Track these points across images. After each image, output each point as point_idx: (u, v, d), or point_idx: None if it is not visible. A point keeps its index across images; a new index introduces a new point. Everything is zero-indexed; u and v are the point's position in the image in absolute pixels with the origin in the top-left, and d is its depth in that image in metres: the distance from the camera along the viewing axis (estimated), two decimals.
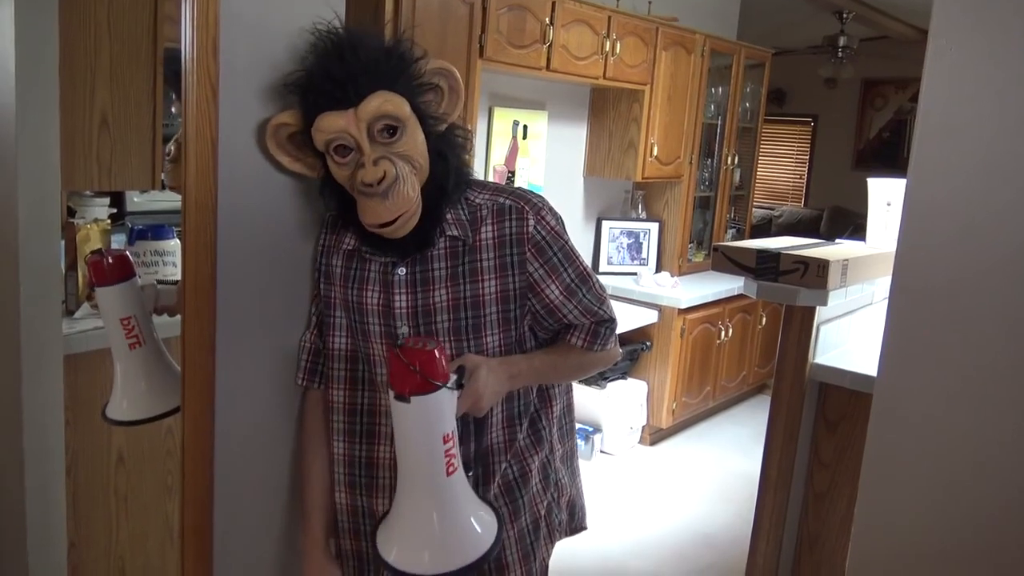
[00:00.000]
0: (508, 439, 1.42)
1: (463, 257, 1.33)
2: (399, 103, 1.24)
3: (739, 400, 5.07)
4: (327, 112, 1.23)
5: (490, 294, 1.34)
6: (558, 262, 1.36)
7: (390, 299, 1.34)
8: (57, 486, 1.77)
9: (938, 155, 1.29)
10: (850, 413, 2.50)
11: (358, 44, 1.25)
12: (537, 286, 1.36)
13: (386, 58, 1.26)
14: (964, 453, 1.32)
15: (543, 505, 1.49)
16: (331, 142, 1.25)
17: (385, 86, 1.24)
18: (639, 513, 3.57)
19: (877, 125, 8.06)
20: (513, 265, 1.34)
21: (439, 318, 1.34)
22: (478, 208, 1.34)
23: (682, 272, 4.67)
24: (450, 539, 1.23)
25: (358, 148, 1.24)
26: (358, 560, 1.47)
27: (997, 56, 1.22)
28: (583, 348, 1.42)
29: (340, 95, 1.22)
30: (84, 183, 1.89)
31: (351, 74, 1.22)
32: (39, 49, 1.61)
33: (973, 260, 1.27)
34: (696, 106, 4.51)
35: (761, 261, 2.44)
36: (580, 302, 1.39)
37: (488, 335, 1.36)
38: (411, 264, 1.34)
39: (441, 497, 1.22)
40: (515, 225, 1.33)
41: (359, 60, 1.23)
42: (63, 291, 1.89)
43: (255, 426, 1.44)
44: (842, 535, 2.52)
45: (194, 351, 1.33)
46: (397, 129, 1.24)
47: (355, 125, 1.22)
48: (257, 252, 1.38)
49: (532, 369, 1.38)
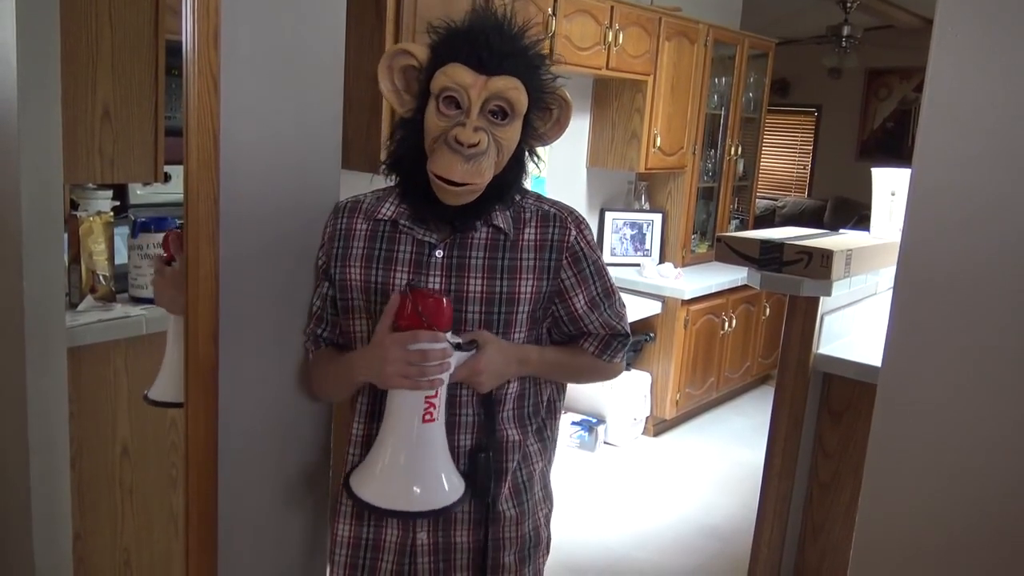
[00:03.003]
0: (520, 437, 1.43)
1: (503, 251, 1.36)
2: (523, 96, 1.29)
3: (743, 391, 5.07)
4: (461, 65, 1.27)
5: (525, 293, 1.36)
6: (589, 274, 1.41)
7: (421, 282, 1.34)
8: (62, 478, 1.78)
9: (943, 143, 1.28)
10: (854, 403, 2.50)
11: (522, 30, 1.31)
12: (566, 293, 1.41)
13: (536, 57, 1.32)
14: (968, 443, 1.31)
15: (542, 513, 1.51)
16: (446, 90, 1.27)
17: (521, 77, 1.29)
18: (643, 504, 3.57)
19: (881, 115, 8.03)
20: (549, 270, 1.38)
21: (471, 307, 1.35)
22: (522, 210, 1.39)
23: (685, 263, 4.67)
24: (413, 481, 1.27)
25: (467, 110, 1.27)
26: (353, 547, 1.44)
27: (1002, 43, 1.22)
28: (593, 354, 1.47)
29: (484, 58, 1.26)
30: (86, 175, 1.89)
31: (504, 49, 1.27)
32: (40, 41, 1.61)
33: (978, 249, 1.27)
34: (699, 96, 4.49)
35: (765, 251, 2.43)
36: (602, 315, 1.44)
37: (516, 332, 1.38)
38: (449, 248, 1.35)
39: (413, 440, 1.27)
40: (557, 232, 1.38)
41: (516, 41, 1.29)
42: (66, 284, 1.89)
43: (259, 417, 1.44)
44: (846, 525, 2.52)
45: (197, 343, 1.33)
46: (508, 116, 1.29)
47: (478, 90, 1.26)
48: (259, 243, 1.38)
49: (542, 361, 1.42)
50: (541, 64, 1.33)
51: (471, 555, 1.41)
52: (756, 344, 4.92)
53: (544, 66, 1.33)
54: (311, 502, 1.57)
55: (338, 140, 1.48)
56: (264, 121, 1.33)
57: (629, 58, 3.92)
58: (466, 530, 1.40)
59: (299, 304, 1.45)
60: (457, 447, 1.36)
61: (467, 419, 1.38)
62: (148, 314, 1.96)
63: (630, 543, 3.24)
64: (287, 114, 1.39)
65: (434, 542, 1.40)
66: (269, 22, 1.32)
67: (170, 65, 1.89)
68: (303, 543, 1.57)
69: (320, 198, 1.45)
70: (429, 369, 1.22)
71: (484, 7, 1.32)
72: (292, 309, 1.45)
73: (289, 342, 1.45)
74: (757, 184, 5.41)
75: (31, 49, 1.59)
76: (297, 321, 1.46)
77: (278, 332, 1.44)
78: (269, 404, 1.45)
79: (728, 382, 4.76)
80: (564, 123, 1.38)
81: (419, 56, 1.33)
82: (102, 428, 1.90)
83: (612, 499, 3.58)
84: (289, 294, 1.44)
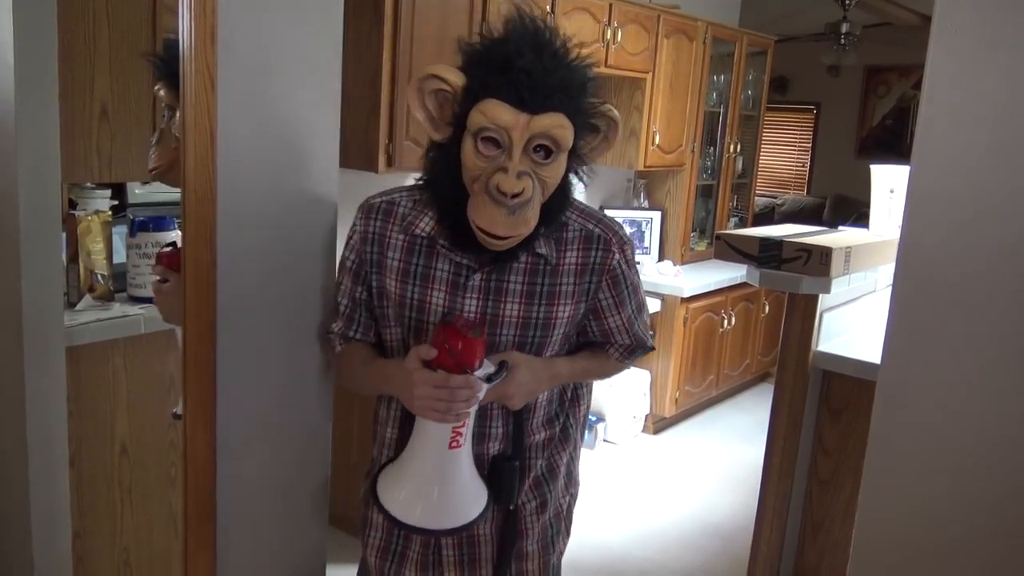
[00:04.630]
0: (547, 438, 1.45)
1: (543, 277, 1.32)
2: (569, 133, 1.20)
3: (742, 389, 5.07)
4: (500, 102, 1.16)
5: (562, 318, 1.35)
6: (627, 296, 1.41)
7: (457, 303, 1.31)
8: (61, 477, 1.78)
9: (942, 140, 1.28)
10: (853, 401, 2.50)
11: (562, 54, 1.20)
12: (601, 313, 1.41)
13: (579, 83, 1.22)
14: (967, 439, 1.31)
15: (565, 500, 1.52)
16: (486, 131, 1.18)
17: (566, 111, 1.19)
18: (643, 502, 3.57)
19: (880, 112, 8.02)
20: (588, 292, 1.37)
21: (505, 331, 1.33)
22: (565, 228, 1.34)
23: (684, 261, 4.66)
24: (437, 503, 1.29)
25: (508, 151, 1.18)
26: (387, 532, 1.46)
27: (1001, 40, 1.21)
28: (617, 360, 1.50)
29: (526, 96, 1.16)
30: (84, 175, 1.89)
31: (546, 84, 1.16)
32: (38, 39, 1.61)
33: (978, 246, 1.27)
34: (698, 94, 4.49)
35: (764, 249, 2.43)
36: (632, 331, 1.45)
37: (547, 352, 1.38)
38: (487, 273, 1.31)
39: (439, 465, 1.28)
40: (600, 255, 1.35)
41: (558, 73, 1.18)
42: (65, 283, 1.89)
43: (257, 417, 1.44)
44: (846, 522, 2.52)
45: (195, 342, 1.33)
46: (552, 154, 1.21)
47: (521, 131, 1.17)
48: (257, 243, 1.37)
49: (572, 372, 1.43)
50: (586, 89, 1.23)
51: (494, 546, 1.43)
52: (755, 342, 4.92)
53: (589, 89, 1.24)
54: (310, 501, 1.57)
55: (336, 139, 1.47)
56: (261, 120, 1.33)
57: (628, 56, 3.92)
58: (489, 524, 1.42)
59: (297, 303, 1.45)
60: (486, 455, 1.38)
61: (497, 431, 1.39)
62: (147, 313, 1.96)
63: (630, 541, 3.24)
64: (284, 113, 1.38)
65: (459, 537, 1.42)
66: (266, 20, 1.32)
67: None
68: (302, 542, 1.57)
69: (318, 197, 1.45)
70: (457, 407, 1.21)
71: (520, 21, 1.19)
72: (290, 308, 1.45)
73: (287, 341, 1.45)
74: (756, 182, 5.40)
75: (28, 48, 1.59)
76: (295, 321, 1.45)
77: (276, 331, 1.43)
78: (267, 403, 1.45)
79: (727, 380, 4.76)
80: (612, 141, 1.32)
81: (452, 81, 1.22)
82: (101, 427, 1.90)
83: (612, 497, 3.58)
84: (287, 293, 1.44)
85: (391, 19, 2.80)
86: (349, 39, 1.58)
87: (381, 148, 2.88)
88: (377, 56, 2.82)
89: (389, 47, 2.82)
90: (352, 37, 2.82)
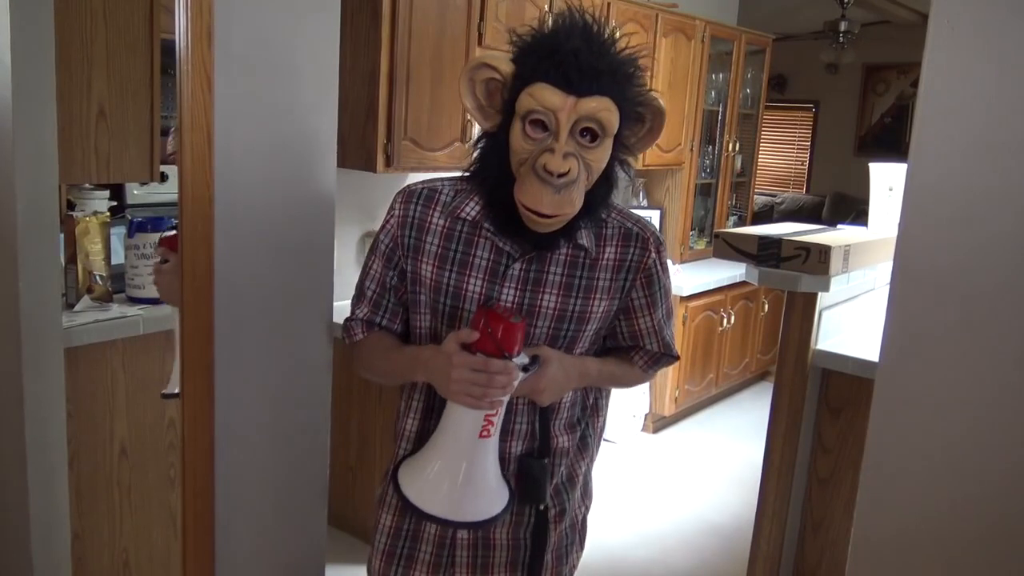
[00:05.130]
0: (569, 444, 1.44)
1: (582, 270, 1.34)
2: (615, 116, 1.22)
3: (742, 387, 5.07)
4: (548, 85, 1.19)
5: (597, 313, 1.36)
6: (659, 297, 1.42)
7: (495, 291, 1.32)
8: (60, 478, 1.78)
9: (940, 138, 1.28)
10: (853, 399, 2.50)
11: (610, 41, 1.23)
12: (633, 313, 1.41)
13: (626, 69, 1.24)
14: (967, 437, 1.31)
15: (581, 512, 1.52)
16: (533, 113, 1.20)
17: (612, 95, 1.21)
18: (643, 501, 3.57)
19: (879, 110, 8.02)
20: (623, 290, 1.38)
21: (541, 323, 1.33)
22: (604, 225, 1.36)
23: (683, 259, 4.66)
24: (460, 493, 1.28)
25: (555, 133, 1.20)
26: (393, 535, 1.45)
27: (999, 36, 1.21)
28: (641, 368, 1.49)
29: (573, 78, 1.18)
30: (82, 176, 1.89)
31: (594, 67, 1.19)
32: (35, 40, 1.60)
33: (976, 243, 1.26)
34: (697, 93, 4.49)
35: (763, 247, 2.43)
36: (661, 336, 1.45)
37: (579, 348, 1.38)
38: (527, 262, 1.32)
39: (468, 454, 1.27)
40: (638, 253, 1.37)
41: (606, 57, 1.21)
42: (63, 284, 1.89)
43: (255, 417, 1.43)
44: (845, 520, 2.52)
45: (193, 342, 1.33)
46: (598, 137, 1.23)
47: (568, 112, 1.19)
48: (254, 242, 1.37)
49: (600, 374, 1.43)
50: (633, 76, 1.25)
51: (509, 552, 1.42)
52: (755, 340, 4.92)
53: (636, 77, 1.25)
54: (309, 500, 1.57)
55: (333, 138, 1.47)
56: (258, 119, 1.33)
57: None
58: (506, 529, 1.41)
59: (295, 304, 1.45)
60: (508, 453, 1.37)
61: (521, 427, 1.38)
62: (145, 314, 1.96)
63: (630, 540, 3.23)
64: (281, 112, 1.38)
65: (473, 538, 1.41)
66: (263, 19, 1.31)
67: (165, 64, 1.88)
68: (300, 542, 1.57)
69: (316, 197, 1.45)
70: (493, 392, 1.22)
71: (570, 15, 1.22)
72: (288, 308, 1.45)
73: (285, 341, 1.45)
74: (755, 180, 5.40)
75: (26, 48, 1.59)
76: (293, 320, 1.45)
77: (275, 330, 1.43)
78: (266, 402, 1.45)
79: (727, 378, 4.76)
80: (657, 132, 1.31)
81: (502, 70, 1.25)
82: (100, 428, 1.89)
83: (612, 496, 3.58)
84: (285, 292, 1.43)
85: (389, 18, 2.80)
86: (347, 38, 1.58)
87: (379, 148, 2.87)
88: (375, 55, 2.82)
89: (387, 46, 2.82)
90: (350, 36, 2.82)
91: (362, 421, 3.01)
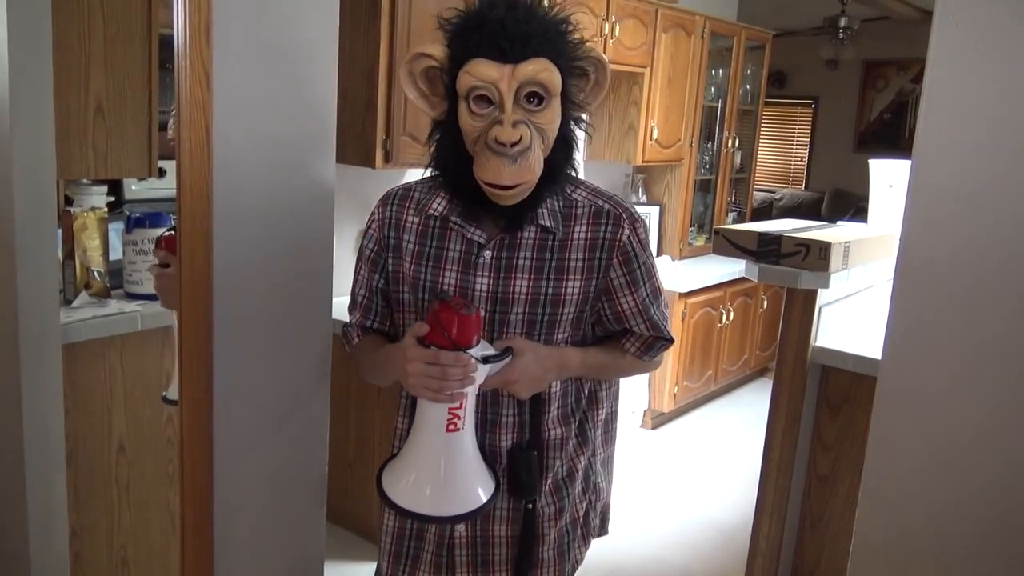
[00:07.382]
0: (564, 436, 1.43)
1: (551, 252, 1.33)
2: (555, 76, 1.22)
3: (741, 384, 5.07)
4: (483, 59, 1.19)
5: (571, 295, 1.34)
6: (640, 275, 1.38)
7: (469, 281, 1.32)
8: (58, 475, 1.77)
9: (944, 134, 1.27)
10: (852, 395, 2.50)
11: (535, 5, 1.23)
12: (614, 293, 1.38)
13: (557, 28, 1.24)
14: (968, 434, 1.31)
15: (582, 507, 1.51)
16: (475, 89, 1.21)
17: (548, 55, 1.21)
18: (641, 497, 3.57)
19: (878, 106, 8.01)
20: (598, 269, 1.35)
21: (515, 309, 1.33)
22: (574, 204, 1.35)
23: (683, 256, 4.66)
24: (439, 488, 1.28)
25: (500, 105, 1.20)
26: (398, 535, 1.46)
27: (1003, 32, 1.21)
28: (634, 355, 1.45)
29: (505, 47, 1.18)
30: (80, 171, 1.88)
31: (523, 32, 1.19)
32: (32, 35, 1.59)
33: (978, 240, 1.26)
34: (696, 88, 4.48)
35: (762, 244, 2.43)
36: (649, 317, 1.41)
37: (560, 333, 1.37)
38: (497, 249, 1.32)
39: (438, 449, 1.27)
40: (610, 230, 1.34)
41: (534, 20, 1.21)
42: (61, 280, 1.88)
43: (254, 414, 1.43)
44: (844, 517, 2.52)
45: (191, 340, 1.32)
46: (544, 100, 1.22)
47: (507, 81, 1.19)
48: (253, 239, 1.37)
49: (584, 365, 1.40)
50: (566, 32, 1.25)
51: (509, 549, 1.42)
52: (754, 337, 4.92)
53: (569, 33, 1.25)
54: (308, 498, 1.56)
55: (332, 134, 1.47)
56: (257, 115, 1.32)
57: (625, 50, 3.91)
58: (504, 525, 1.41)
59: (294, 300, 1.45)
60: (498, 447, 1.37)
61: (509, 419, 1.38)
62: (143, 310, 1.95)
63: (629, 537, 3.24)
64: (280, 107, 1.37)
65: (472, 536, 1.41)
66: (261, 14, 1.31)
67: (164, 59, 1.87)
68: (300, 538, 1.56)
69: (314, 193, 1.44)
70: (450, 384, 1.21)
71: None
72: (287, 304, 1.44)
73: (284, 337, 1.44)
74: (754, 176, 5.40)
75: (22, 43, 1.58)
76: (292, 318, 1.45)
77: (273, 328, 1.43)
78: (264, 400, 1.44)
79: (726, 375, 4.76)
80: (603, 83, 1.31)
81: (437, 55, 1.25)
82: (98, 425, 1.89)
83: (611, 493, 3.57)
84: (284, 290, 1.43)
85: (388, 13, 2.79)
86: (346, 34, 1.57)
87: (378, 144, 2.87)
88: (374, 51, 2.81)
89: (386, 41, 2.81)
90: (349, 31, 2.81)
91: (361, 419, 3.00)
